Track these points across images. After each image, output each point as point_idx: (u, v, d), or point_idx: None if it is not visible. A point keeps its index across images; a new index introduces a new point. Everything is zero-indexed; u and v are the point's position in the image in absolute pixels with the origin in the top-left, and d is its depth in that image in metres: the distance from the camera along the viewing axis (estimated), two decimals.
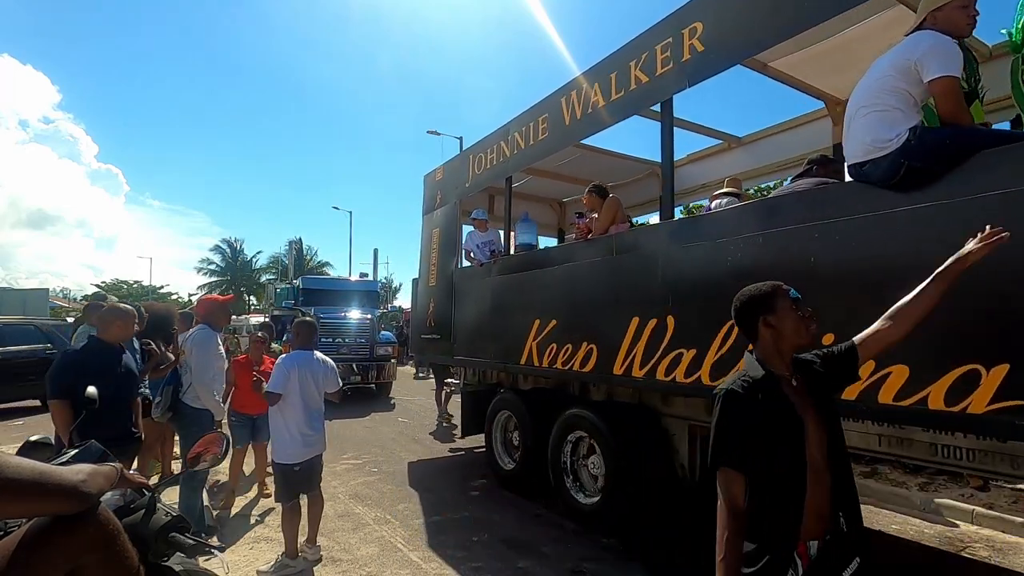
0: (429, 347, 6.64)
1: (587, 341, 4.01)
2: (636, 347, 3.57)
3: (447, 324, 6.07)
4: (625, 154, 6.14)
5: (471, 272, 5.82)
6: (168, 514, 1.54)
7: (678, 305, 3.30)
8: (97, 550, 1.19)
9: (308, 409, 3.42)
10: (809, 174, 2.98)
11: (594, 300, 4.00)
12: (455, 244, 6.24)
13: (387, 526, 4.26)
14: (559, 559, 3.67)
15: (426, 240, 6.90)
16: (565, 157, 5.61)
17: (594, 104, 4.13)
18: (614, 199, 4.23)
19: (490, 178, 5.68)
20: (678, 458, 3.94)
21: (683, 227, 3.48)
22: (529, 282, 4.78)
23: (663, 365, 3.37)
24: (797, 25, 2.85)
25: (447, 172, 6.62)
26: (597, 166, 6.32)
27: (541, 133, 4.81)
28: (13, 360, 8.95)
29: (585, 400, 4.53)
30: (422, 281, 6.96)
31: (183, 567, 1.52)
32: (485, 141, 5.74)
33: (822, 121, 4.81)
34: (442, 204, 6.59)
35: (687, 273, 3.28)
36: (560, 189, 7.18)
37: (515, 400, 5.22)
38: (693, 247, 3.25)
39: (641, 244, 3.70)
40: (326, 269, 39.54)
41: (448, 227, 6.38)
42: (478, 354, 5.54)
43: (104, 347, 3.14)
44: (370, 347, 11.15)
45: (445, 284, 6.23)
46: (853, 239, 2.47)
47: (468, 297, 5.79)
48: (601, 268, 3.95)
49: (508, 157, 5.30)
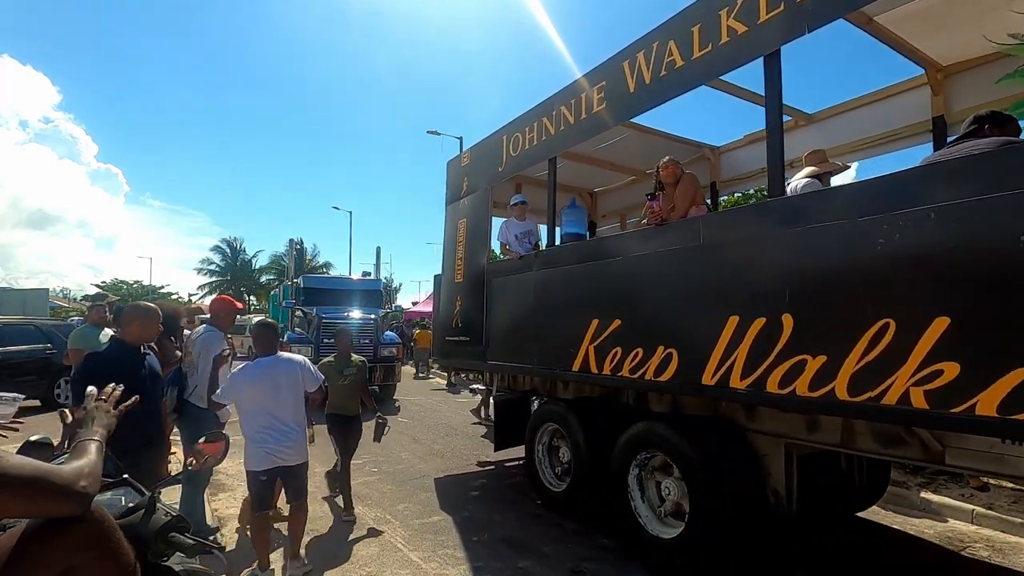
0: (455, 350, 5.97)
1: (664, 345, 3.39)
2: (735, 352, 2.95)
3: (477, 325, 5.44)
4: (677, 135, 5.51)
5: (508, 266, 5.20)
6: (168, 514, 1.52)
7: (799, 301, 2.68)
8: (92, 548, 1.19)
9: (273, 418, 3.21)
10: (977, 134, 2.36)
11: (673, 296, 3.38)
12: (486, 236, 5.62)
13: (387, 526, 4.24)
14: (559, 559, 3.65)
15: (451, 232, 6.23)
16: (607, 139, 5.00)
17: (670, 65, 3.50)
18: (692, 176, 3.61)
19: (529, 160, 5.05)
20: (771, 482, 3.31)
21: (807, 204, 2.82)
22: (584, 276, 4.16)
23: (776, 375, 2.74)
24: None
25: (475, 157, 5.99)
26: (640, 149, 5.70)
27: (596, 105, 4.18)
28: (13, 360, 8.89)
29: (647, 411, 3.93)
30: (446, 278, 6.29)
31: (183, 567, 1.52)
32: (522, 119, 5.11)
33: (914, 93, 4.20)
34: (470, 192, 5.95)
35: (813, 261, 2.65)
36: (591, 178, 6.55)
37: (563, 411, 4.58)
38: (823, 229, 2.61)
39: (742, 228, 3.06)
40: (327, 269, 38.97)
41: (477, 217, 5.74)
42: (517, 358, 4.91)
43: (127, 348, 3.01)
44: (374, 348, 10.60)
45: (474, 280, 5.58)
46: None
47: (504, 294, 5.16)
48: (684, 258, 3.32)
49: (552, 135, 4.67)
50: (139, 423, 2.85)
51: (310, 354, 9.41)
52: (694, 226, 3.29)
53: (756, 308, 2.86)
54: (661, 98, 3.59)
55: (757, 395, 2.86)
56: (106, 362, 2.91)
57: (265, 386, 3.21)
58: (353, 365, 4.56)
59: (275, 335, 3.47)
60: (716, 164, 5.69)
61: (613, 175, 6.46)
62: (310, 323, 10.86)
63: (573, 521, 4.31)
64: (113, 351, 3.02)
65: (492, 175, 5.59)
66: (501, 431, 5.47)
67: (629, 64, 3.84)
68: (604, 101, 4.08)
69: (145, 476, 2.94)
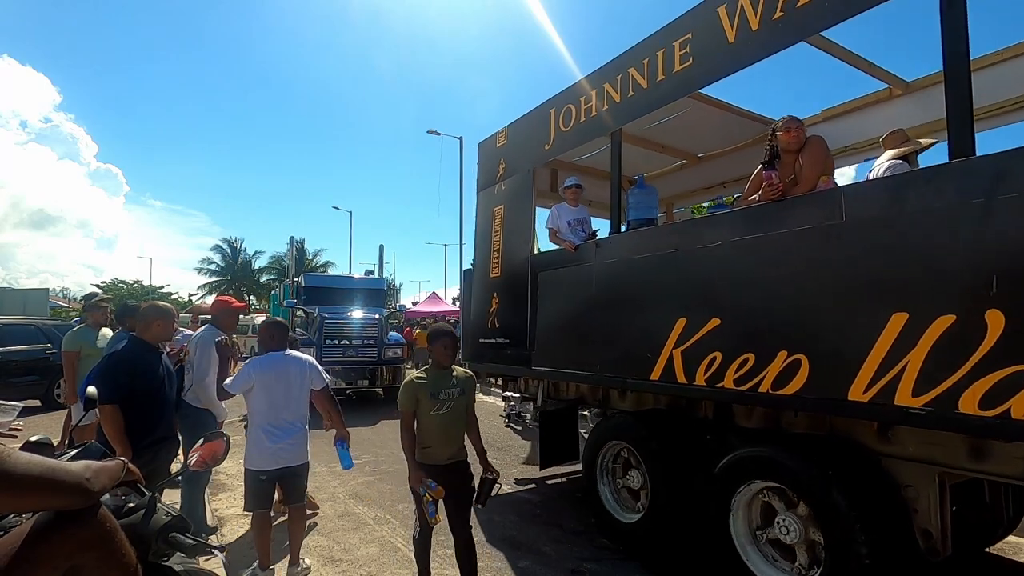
0: (491, 355, 5.26)
1: (787, 350, 2.71)
2: (903, 360, 2.27)
3: (519, 326, 4.75)
4: (748, 110, 4.84)
5: (560, 258, 4.49)
6: (168, 514, 1.51)
7: (1016, 293, 2.00)
8: (94, 549, 1.21)
9: (277, 416, 3.15)
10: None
11: (801, 289, 2.70)
12: (529, 224, 4.94)
13: (387, 526, 4.21)
14: (559, 559, 3.63)
15: (484, 221, 5.56)
16: (660, 117, 4.31)
17: (789, 4, 2.82)
18: (820, 139, 2.94)
19: (584, 135, 4.38)
20: (918, 520, 2.64)
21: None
22: (665, 267, 3.47)
23: (975, 391, 2.07)
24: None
25: (514, 135, 5.30)
26: (699, 128, 5.04)
27: (677, 64, 3.50)
28: (13, 360, 8.90)
29: (737, 429, 3.27)
30: (479, 273, 5.60)
31: (183, 567, 1.51)
32: (576, 88, 4.44)
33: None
34: (508, 175, 5.27)
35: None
36: (631, 162, 5.82)
37: (633, 426, 3.89)
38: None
39: (914, 199, 2.34)
40: (327, 269, 38.32)
41: (518, 203, 5.07)
42: (571, 365, 4.23)
43: (147, 347, 3.08)
44: (379, 349, 10.04)
45: (516, 275, 4.91)
46: None
47: (554, 291, 4.49)
48: (817, 240, 2.64)
49: (618, 104, 3.99)
50: (157, 421, 3.01)
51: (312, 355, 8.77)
52: (832, 199, 2.60)
53: (938, 302, 2.18)
54: (779, 45, 2.91)
55: (942, 416, 2.17)
56: (127, 361, 2.94)
57: (276, 378, 3.17)
58: (455, 381, 2.90)
59: (286, 331, 3.45)
60: None
61: (650, 161, 5.76)
62: (312, 323, 10.30)
63: (573, 521, 4.28)
64: (134, 350, 3.04)
65: (537, 154, 4.90)
66: (547, 446, 4.77)
67: (727, 9, 3.16)
68: (691, 57, 3.40)
69: (160, 474, 2.92)
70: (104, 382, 2.77)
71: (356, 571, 3.47)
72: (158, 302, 3.42)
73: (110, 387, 2.76)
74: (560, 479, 5.49)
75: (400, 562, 3.58)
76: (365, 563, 3.57)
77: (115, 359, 2.97)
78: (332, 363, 9.33)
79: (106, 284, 43.47)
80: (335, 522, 4.28)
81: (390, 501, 4.78)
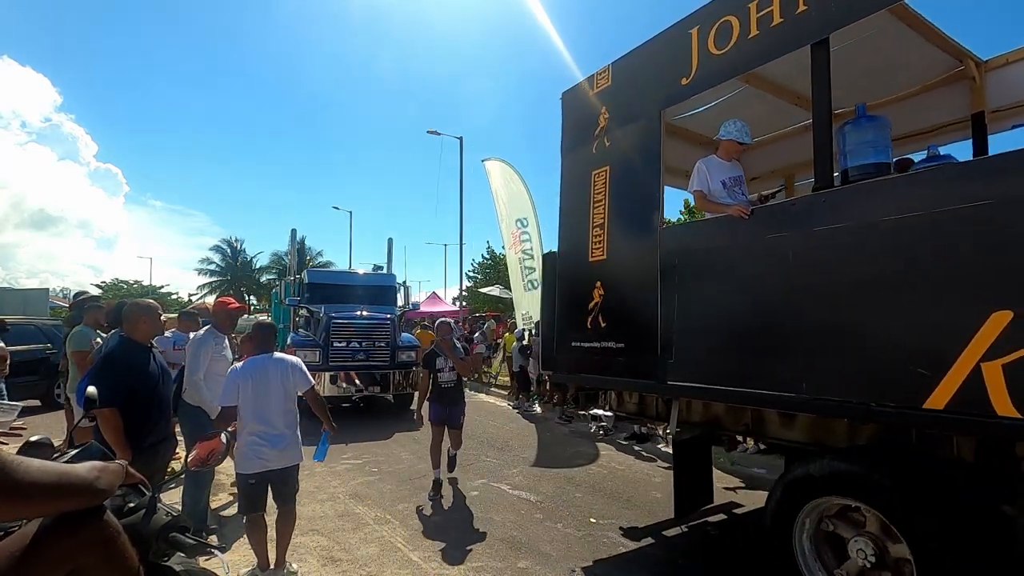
0: (594, 363, 3.89)
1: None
2: None
3: (644, 325, 3.50)
4: (947, 34, 3.29)
5: (713, 230, 3.36)
6: (168, 514, 1.52)
7: None
8: (97, 550, 1.22)
9: (262, 419, 3.17)
10: None
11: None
12: (656, 188, 3.57)
13: (387, 526, 4.21)
14: (559, 559, 3.62)
15: (575, 191, 4.24)
16: (855, 35, 2.86)
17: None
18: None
19: (758, 55, 3.01)
20: None
21: None
22: (958, 232, 2.21)
23: None
24: None
25: (624, 72, 3.96)
26: (848, 71, 3.18)
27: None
28: (13, 360, 8.82)
29: None
30: (569, 257, 4.28)
31: (183, 567, 1.51)
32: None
33: None
34: (616, 126, 3.94)
35: None
36: (773, 115, 4.12)
37: (863, 475, 2.53)
38: None
39: None
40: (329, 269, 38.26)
41: (637, 160, 3.73)
42: (745, 379, 2.93)
43: (138, 347, 3.03)
44: (391, 352, 9.01)
45: (636, 257, 3.68)
46: None
47: (706, 277, 3.25)
48: None
49: (807, 10, 2.72)
50: (154, 420, 2.99)
51: (317, 359, 8.38)
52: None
53: None
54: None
55: None
56: (120, 361, 2.91)
57: (253, 385, 3.18)
58: None
59: (271, 334, 3.46)
60: (981, 86, 3.59)
61: (761, 122, 4.18)
62: (317, 323, 9.26)
63: (573, 521, 4.27)
64: (125, 349, 2.99)
65: (668, 92, 3.52)
66: (682, 488, 3.81)
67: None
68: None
69: (159, 472, 2.96)
70: (103, 382, 2.72)
71: (356, 571, 3.47)
72: (140, 300, 3.40)
73: (109, 388, 2.73)
74: (560, 480, 5.49)
75: (400, 562, 3.57)
76: (365, 563, 3.56)
77: (109, 357, 2.97)
78: (340, 367, 8.61)
79: (106, 284, 43.43)
80: (335, 522, 4.25)
81: (390, 501, 4.76)
